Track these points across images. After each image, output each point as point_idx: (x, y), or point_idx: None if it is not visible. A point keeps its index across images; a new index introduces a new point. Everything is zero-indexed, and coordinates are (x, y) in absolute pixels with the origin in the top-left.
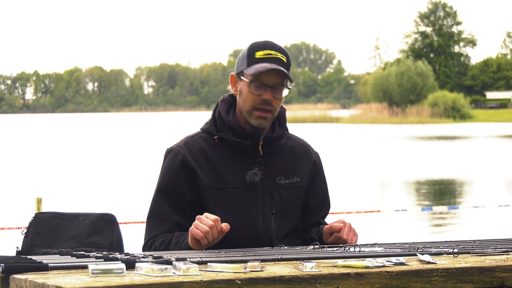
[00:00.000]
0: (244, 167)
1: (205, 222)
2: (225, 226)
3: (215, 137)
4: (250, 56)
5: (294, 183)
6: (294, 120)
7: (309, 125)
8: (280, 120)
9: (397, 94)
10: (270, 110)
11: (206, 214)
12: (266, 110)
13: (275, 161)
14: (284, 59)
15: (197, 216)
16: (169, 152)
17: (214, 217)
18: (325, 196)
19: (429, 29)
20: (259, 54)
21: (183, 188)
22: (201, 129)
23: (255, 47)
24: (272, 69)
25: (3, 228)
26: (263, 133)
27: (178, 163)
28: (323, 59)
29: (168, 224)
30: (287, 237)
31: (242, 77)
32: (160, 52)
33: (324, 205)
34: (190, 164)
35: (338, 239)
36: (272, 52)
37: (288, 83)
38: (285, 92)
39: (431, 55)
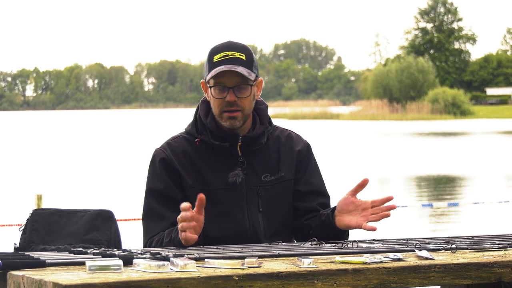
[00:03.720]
0: (226, 169)
1: (183, 226)
2: (199, 200)
3: (196, 139)
4: (210, 61)
5: (279, 178)
6: (294, 117)
7: (309, 122)
8: (261, 116)
9: (397, 91)
10: (238, 110)
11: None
12: (233, 110)
13: (259, 159)
14: (243, 57)
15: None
16: (154, 154)
17: (184, 214)
18: (318, 184)
19: (429, 26)
20: (216, 58)
21: (172, 188)
22: (184, 129)
23: (213, 51)
24: (225, 71)
25: (3, 225)
26: (242, 133)
27: (163, 165)
28: (323, 55)
29: (164, 223)
30: (276, 234)
31: (207, 83)
32: (160, 48)
33: (319, 194)
34: (174, 165)
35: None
36: (229, 52)
37: (254, 79)
38: (249, 90)
39: (431, 51)
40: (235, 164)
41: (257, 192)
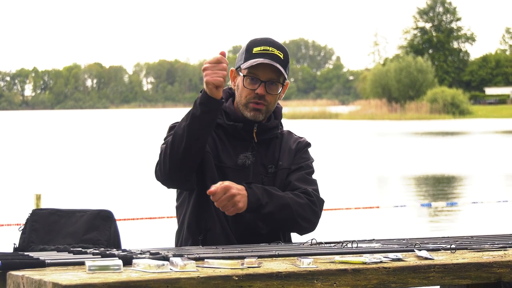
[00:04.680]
0: (238, 151)
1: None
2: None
3: None
4: (248, 51)
5: (278, 167)
6: (293, 116)
7: (308, 121)
8: (276, 113)
9: (396, 90)
10: (264, 104)
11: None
12: (259, 103)
13: (268, 151)
14: (281, 56)
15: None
16: (173, 122)
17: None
18: (304, 161)
19: (428, 25)
20: (256, 50)
21: None
22: None
23: (253, 43)
24: (265, 64)
25: (2, 225)
26: (258, 121)
27: None
28: (322, 55)
29: None
30: None
31: (239, 72)
32: (159, 48)
33: (299, 169)
34: None
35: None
36: (269, 48)
37: (284, 79)
38: (279, 88)
39: (430, 51)
40: (246, 149)
41: (262, 180)
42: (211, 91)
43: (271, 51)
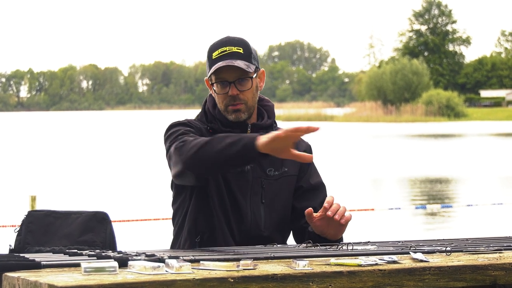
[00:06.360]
0: None
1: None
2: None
3: (208, 127)
4: (209, 59)
5: (283, 173)
6: (288, 118)
7: (303, 124)
8: (269, 112)
9: (391, 92)
10: (241, 103)
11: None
12: (236, 104)
13: None
14: (241, 51)
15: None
16: (176, 121)
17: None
18: (318, 180)
19: (423, 28)
20: (214, 55)
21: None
22: (194, 118)
23: (211, 49)
24: (224, 66)
25: None
26: (250, 122)
27: (189, 121)
28: (317, 57)
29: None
30: (276, 226)
31: (210, 81)
32: (155, 50)
33: (318, 190)
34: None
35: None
36: (226, 48)
37: (255, 69)
38: (250, 82)
39: (426, 53)
40: None
41: (261, 184)
42: (273, 147)
43: (229, 50)
